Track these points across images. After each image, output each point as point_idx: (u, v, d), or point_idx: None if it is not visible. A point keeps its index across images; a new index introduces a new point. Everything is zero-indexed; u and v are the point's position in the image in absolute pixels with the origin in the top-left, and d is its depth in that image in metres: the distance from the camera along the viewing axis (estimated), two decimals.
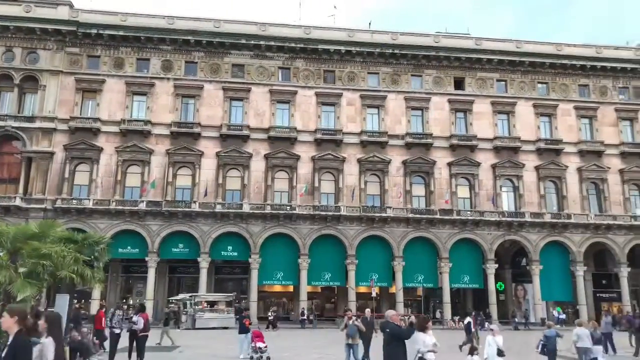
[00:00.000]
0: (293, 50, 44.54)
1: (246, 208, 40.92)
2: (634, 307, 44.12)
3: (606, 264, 47.04)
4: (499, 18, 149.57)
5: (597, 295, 46.74)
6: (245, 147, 42.54)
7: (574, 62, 47.04)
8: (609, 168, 45.73)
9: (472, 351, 13.32)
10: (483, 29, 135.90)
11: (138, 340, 17.57)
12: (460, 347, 19.84)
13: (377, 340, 12.32)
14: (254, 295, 40.38)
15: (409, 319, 18.25)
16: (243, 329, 19.82)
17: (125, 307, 38.49)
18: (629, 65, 47.57)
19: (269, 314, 38.20)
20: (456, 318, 41.03)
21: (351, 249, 41.54)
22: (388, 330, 9.55)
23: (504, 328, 24.49)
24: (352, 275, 41.30)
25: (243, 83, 43.89)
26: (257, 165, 42.42)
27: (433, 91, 45.84)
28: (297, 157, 42.72)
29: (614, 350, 21.36)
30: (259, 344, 18.05)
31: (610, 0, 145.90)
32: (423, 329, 10.57)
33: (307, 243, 41.33)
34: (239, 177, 42.37)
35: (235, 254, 41.66)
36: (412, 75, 46.15)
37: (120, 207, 39.82)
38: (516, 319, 42.03)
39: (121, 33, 42.48)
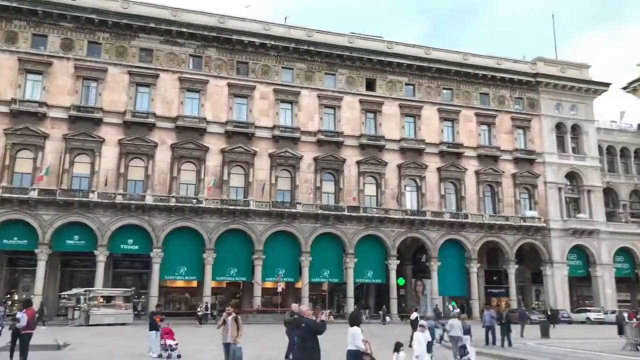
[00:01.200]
0: (206, 39, 43.28)
1: (149, 200, 39.20)
2: (519, 302, 47.77)
3: (497, 261, 50.52)
4: (410, 24, 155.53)
5: (488, 290, 50.09)
6: (150, 136, 40.72)
7: (477, 72, 49.85)
8: (504, 172, 49.05)
9: (398, 348, 11.94)
10: (395, 33, 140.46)
11: (21, 338, 16.10)
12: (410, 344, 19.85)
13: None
14: (154, 290, 38.79)
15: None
16: (153, 326, 18.67)
17: (9, 302, 35.51)
18: (524, 78, 51.26)
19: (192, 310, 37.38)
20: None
21: (259, 244, 41.19)
22: (304, 325, 9.63)
23: (404, 322, 25.48)
24: (258, 270, 40.98)
25: (151, 69, 41.95)
26: (163, 156, 40.76)
27: (345, 90, 46.58)
28: (206, 149, 41.60)
29: (494, 341, 22.83)
30: (169, 342, 17.16)
31: (512, 16, 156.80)
32: (358, 323, 10.49)
33: (214, 237, 40.41)
34: (143, 167, 40.49)
35: (136, 247, 39.80)
36: (326, 73, 46.58)
37: (7, 195, 36.57)
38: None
39: (14, 4, 38.91)
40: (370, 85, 47.74)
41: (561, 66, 53.41)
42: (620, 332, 27.25)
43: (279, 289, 40.88)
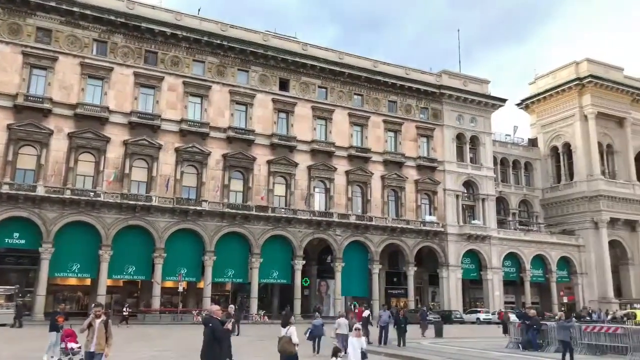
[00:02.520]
0: (112, 24, 40.94)
1: (40, 191, 36.30)
2: (416, 302, 49.88)
3: (398, 263, 52.45)
4: (324, 27, 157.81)
5: (388, 291, 51.88)
6: (45, 123, 37.75)
7: (386, 80, 51.44)
8: (407, 178, 51.01)
9: (336, 353, 11.79)
10: (308, 35, 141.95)
11: None
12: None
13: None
14: (42, 288, 35.96)
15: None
16: (53, 327, 16.83)
17: None
18: (429, 89, 53.68)
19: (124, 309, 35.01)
20: (262, 312, 41.78)
21: (160, 242, 39.59)
22: (211, 325, 9.65)
23: (306, 322, 25.70)
24: (159, 269, 39.36)
25: (49, 50, 38.93)
26: (59, 144, 37.98)
27: (258, 88, 46.13)
28: (107, 140, 39.33)
29: (386, 341, 23.49)
30: (71, 345, 15.64)
31: (420, 27, 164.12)
32: (288, 323, 11.89)
33: (111, 233, 38.24)
34: (35, 155, 37.47)
35: (23, 241, 36.71)
36: (239, 69, 45.84)
37: None
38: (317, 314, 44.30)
39: None
40: (284, 85, 47.67)
41: (464, 80, 56.59)
42: (505, 331, 29.26)
43: (180, 289, 39.56)
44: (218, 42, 44.32)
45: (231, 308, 19.02)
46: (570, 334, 18.86)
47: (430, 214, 51.73)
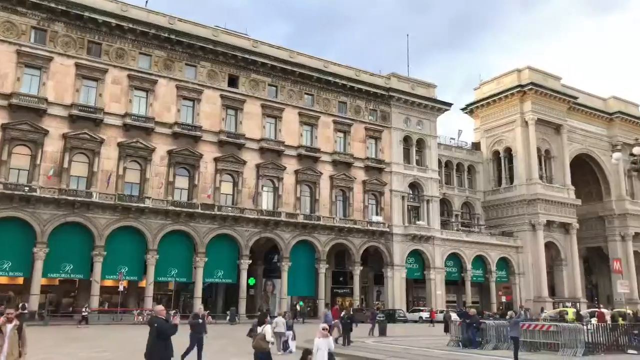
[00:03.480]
0: (52, 11, 39.08)
1: None
2: (361, 301, 50.44)
3: (344, 263, 52.84)
4: (276, 26, 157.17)
5: (334, 290, 52.18)
6: None
7: (337, 80, 51.70)
8: (355, 178, 51.47)
9: (306, 356, 11.11)
10: (260, 31, 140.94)
11: None
12: (336, 339, 21.80)
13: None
14: None
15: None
16: None
17: None
18: (379, 91, 54.37)
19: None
20: (205, 313, 40.85)
21: (100, 239, 38.15)
22: (156, 325, 9.75)
23: (250, 322, 25.45)
24: (98, 267, 37.93)
25: None
26: None
27: (207, 84, 45.28)
28: (45, 132, 37.51)
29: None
30: None
31: (371, 29, 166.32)
32: (264, 322, 12.49)
33: (48, 230, 36.51)
34: None
35: None
36: (186, 64, 44.84)
37: None
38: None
39: None
40: (233, 81, 47.03)
41: (412, 83, 57.69)
42: (446, 329, 29.98)
43: (120, 288, 38.25)
44: (165, 35, 43.19)
45: (200, 308, 18.90)
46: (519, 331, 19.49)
47: (377, 215, 52.42)
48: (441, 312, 45.82)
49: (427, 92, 58.58)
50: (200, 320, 16.34)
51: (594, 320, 26.65)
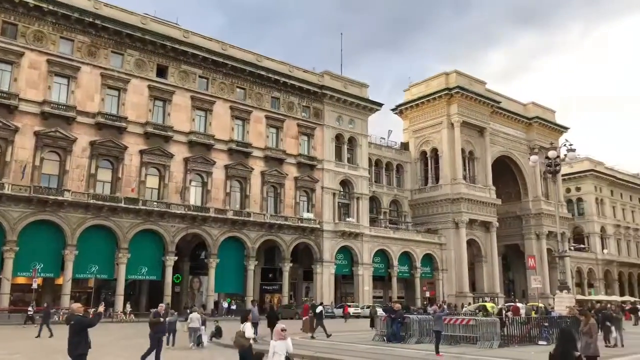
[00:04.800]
0: None
1: None
2: (290, 298, 50.45)
3: (274, 259, 52.59)
4: (209, 17, 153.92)
5: (263, 287, 51.84)
6: None
7: (270, 75, 51.25)
8: (287, 175, 51.34)
9: (260, 358, 10.70)
10: (192, 22, 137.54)
11: None
12: (312, 336, 23.53)
13: None
14: None
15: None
16: None
17: None
18: (312, 88, 54.49)
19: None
20: (127, 310, 39.44)
21: (12, 234, 35.71)
22: (73, 322, 10.02)
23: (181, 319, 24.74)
24: (9, 263, 35.52)
25: None
26: None
27: (134, 73, 43.50)
28: None
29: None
30: None
31: (306, 26, 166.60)
32: (247, 319, 12.73)
33: None
34: None
35: None
36: (112, 51, 42.83)
37: None
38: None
39: None
40: (162, 72, 45.47)
41: (345, 82, 58.29)
42: (372, 324, 30.49)
43: (34, 285, 35.96)
44: (90, 20, 41.03)
45: (161, 306, 18.25)
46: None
47: (308, 211, 52.58)
48: (367, 307, 46.66)
49: (360, 92, 59.41)
50: (162, 319, 16.46)
51: (509, 314, 28.04)
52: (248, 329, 13.44)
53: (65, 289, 37.65)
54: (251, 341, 13.08)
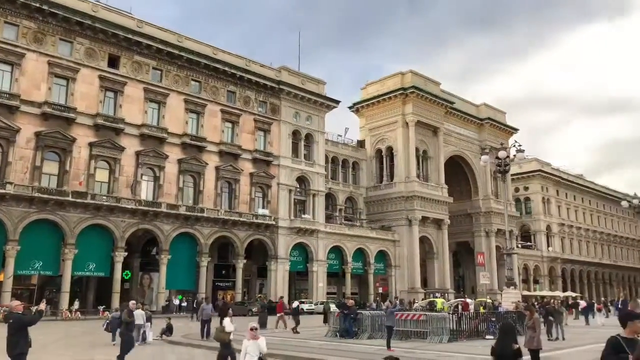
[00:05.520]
0: None
1: None
2: (243, 295, 49.99)
3: (227, 256, 51.98)
4: (164, 7, 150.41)
5: (216, 284, 51.15)
6: None
7: (226, 69, 50.49)
8: (243, 170, 50.76)
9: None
10: (146, 12, 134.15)
11: None
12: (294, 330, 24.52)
13: None
14: None
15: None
16: None
17: None
18: (269, 83, 54.06)
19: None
20: (73, 308, 38.09)
21: None
22: (12, 320, 9.85)
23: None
24: None
25: None
26: None
27: (84, 62, 41.95)
28: None
29: (209, 334, 22.85)
30: None
31: (261, 22, 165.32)
32: (226, 314, 13.03)
33: None
34: None
35: None
36: (61, 39, 41.14)
37: None
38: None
39: None
40: (114, 62, 44.04)
41: (302, 78, 58.15)
42: (325, 320, 30.57)
43: None
44: (37, 5, 39.26)
45: (132, 304, 17.74)
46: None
47: (263, 207, 52.16)
48: (321, 303, 46.78)
49: (317, 89, 59.39)
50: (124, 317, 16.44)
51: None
52: (228, 324, 13.52)
53: (5, 286, 35.89)
54: (231, 336, 13.22)
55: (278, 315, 29.01)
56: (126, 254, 42.31)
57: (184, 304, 45.29)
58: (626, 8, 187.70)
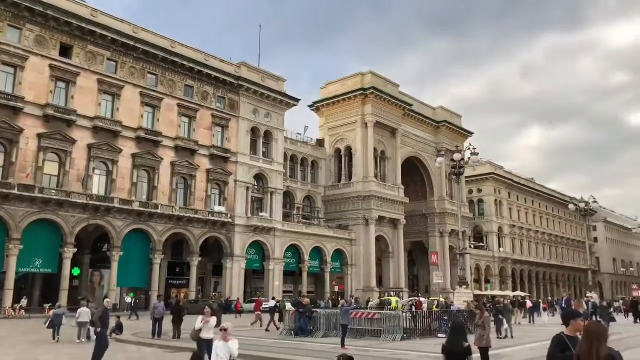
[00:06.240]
0: None
1: None
2: (198, 292, 49.22)
3: (181, 253, 51.07)
4: None
5: (169, 281, 50.21)
6: None
7: (184, 62, 49.52)
8: (199, 166, 49.92)
9: None
10: (100, 1, 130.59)
11: None
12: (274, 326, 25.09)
13: None
14: None
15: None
16: None
17: None
18: (228, 79, 53.36)
19: None
20: (17, 306, 36.49)
21: None
22: None
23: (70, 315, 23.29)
24: None
25: None
26: None
27: (33, 50, 40.24)
28: None
29: (160, 333, 22.38)
30: None
31: (220, 17, 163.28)
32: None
33: None
34: None
35: None
36: (9, 24, 39.35)
37: None
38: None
39: None
40: (66, 51, 42.46)
41: (262, 75, 57.68)
42: (280, 318, 30.46)
43: None
44: None
45: (107, 302, 16.81)
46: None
47: (219, 204, 51.47)
48: (277, 301, 46.49)
49: (277, 86, 59.05)
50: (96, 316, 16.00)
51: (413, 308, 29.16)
52: (198, 321, 13.43)
53: None
54: (209, 334, 13.04)
55: (255, 313, 29.84)
56: (75, 250, 40.92)
57: (130, 301, 43.89)
58: (579, 20, 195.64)
